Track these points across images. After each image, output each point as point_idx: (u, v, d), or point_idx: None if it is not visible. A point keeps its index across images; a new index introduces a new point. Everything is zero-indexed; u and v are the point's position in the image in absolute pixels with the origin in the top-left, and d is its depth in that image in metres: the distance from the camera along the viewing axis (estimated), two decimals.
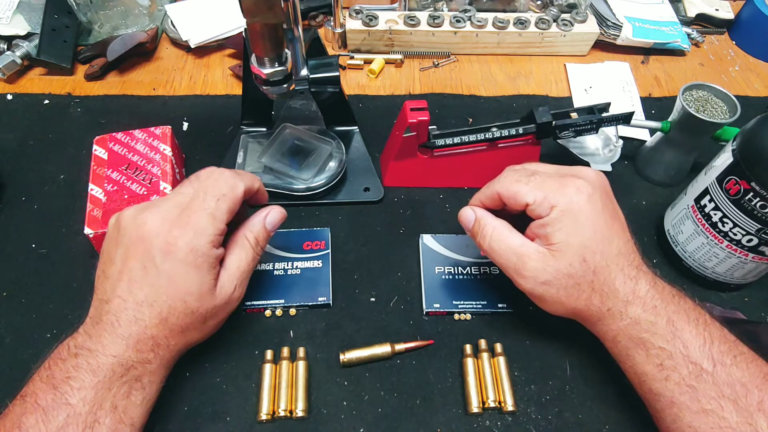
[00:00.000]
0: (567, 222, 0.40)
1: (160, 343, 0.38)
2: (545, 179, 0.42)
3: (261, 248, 0.44)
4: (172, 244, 0.38)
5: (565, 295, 0.40)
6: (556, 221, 0.40)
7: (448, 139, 0.55)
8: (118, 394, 0.36)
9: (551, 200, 0.40)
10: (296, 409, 0.43)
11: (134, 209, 0.40)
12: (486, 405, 0.44)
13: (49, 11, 0.69)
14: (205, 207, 0.39)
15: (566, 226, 0.40)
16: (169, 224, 0.39)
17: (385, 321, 0.49)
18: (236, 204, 0.41)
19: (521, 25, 0.72)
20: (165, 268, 0.38)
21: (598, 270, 0.39)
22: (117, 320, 0.37)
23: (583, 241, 0.39)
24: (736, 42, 0.80)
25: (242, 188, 0.41)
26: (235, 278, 0.41)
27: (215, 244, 0.39)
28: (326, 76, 0.54)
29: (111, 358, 0.36)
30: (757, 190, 0.42)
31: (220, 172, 0.42)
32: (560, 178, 0.42)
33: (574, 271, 0.40)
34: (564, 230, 0.40)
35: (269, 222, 0.44)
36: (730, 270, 0.49)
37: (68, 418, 0.34)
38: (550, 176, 0.42)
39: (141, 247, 0.38)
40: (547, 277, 0.40)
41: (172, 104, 0.66)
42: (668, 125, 0.57)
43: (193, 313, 0.39)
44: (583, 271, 0.39)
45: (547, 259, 0.40)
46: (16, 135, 0.62)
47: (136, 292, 0.38)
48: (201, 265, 0.39)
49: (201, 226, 0.39)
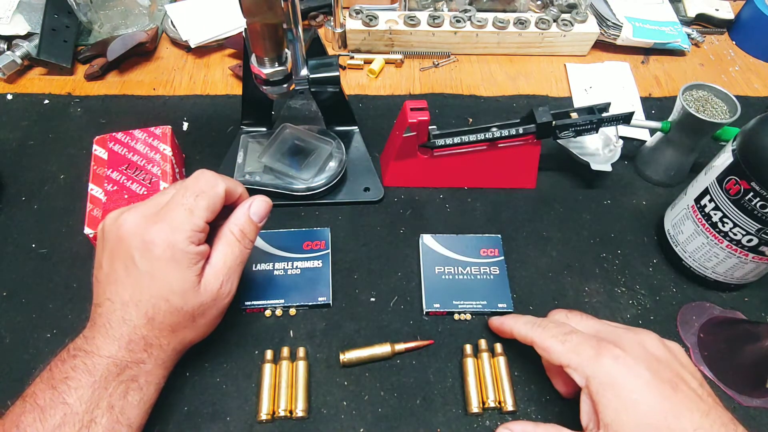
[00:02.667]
0: (611, 398, 0.35)
1: (152, 342, 0.38)
2: (582, 342, 0.38)
3: (250, 240, 0.42)
4: (149, 242, 0.38)
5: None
6: (598, 396, 0.35)
7: (448, 139, 0.55)
8: (115, 394, 0.36)
9: (586, 370, 0.36)
10: (296, 409, 0.43)
11: (116, 212, 0.41)
12: (486, 405, 0.44)
13: (49, 11, 0.69)
14: (182, 203, 0.39)
15: (611, 402, 0.35)
16: (146, 222, 0.38)
17: (385, 321, 0.49)
18: (216, 202, 0.40)
19: (521, 25, 0.72)
20: (144, 267, 0.38)
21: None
22: (108, 322, 0.38)
23: (638, 420, 0.34)
24: (736, 42, 0.80)
25: (223, 187, 0.41)
26: (222, 274, 0.40)
27: (194, 241, 0.39)
28: (326, 76, 0.54)
29: (105, 358, 0.37)
30: (757, 190, 0.42)
31: (201, 172, 0.41)
32: (597, 344, 0.37)
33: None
34: (611, 407, 0.35)
35: (254, 212, 0.42)
36: (730, 270, 0.49)
37: (65, 417, 0.34)
38: (587, 340, 0.38)
39: (122, 247, 0.38)
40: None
41: (172, 104, 0.66)
42: (668, 125, 0.57)
43: (178, 311, 0.39)
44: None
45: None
46: (16, 135, 0.62)
47: (121, 293, 0.38)
48: (180, 261, 0.38)
49: (178, 222, 0.38)
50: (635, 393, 0.35)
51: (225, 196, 0.41)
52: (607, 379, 0.35)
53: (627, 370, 0.35)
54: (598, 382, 0.36)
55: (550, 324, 0.41)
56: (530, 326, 0.42)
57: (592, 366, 0.36)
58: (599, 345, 0.37)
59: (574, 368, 0.37)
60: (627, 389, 0.35)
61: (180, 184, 0.41)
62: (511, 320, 0.45)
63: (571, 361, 0.37)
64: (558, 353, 0.38)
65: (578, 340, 0.38)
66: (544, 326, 0.41)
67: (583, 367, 0.37)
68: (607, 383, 0.35)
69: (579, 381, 0.37)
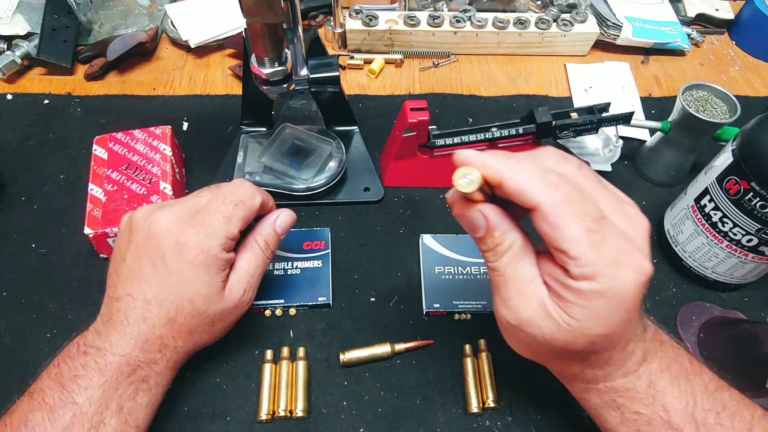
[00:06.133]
0: (599, 307, 0.30)
1: (168, 343, 0.38)
2: (609, 239, 0.30)
3: (271, 252, 0.44)
4: (183, 243, 0.38)
5: (544, 355, 0.35)
6: (585, 298, 0.30)
7: (448, 139, 0.55)
8: (125, 395, 0.36)
9: (597, 268, 0.29)
10: (296, 409, 0.43)
11: (147, 208, 0.41)
12: (486, 405, 0.44)
13: (49, 11, 0.69)
14: (221, 210, 0.40)
15: (596, 310, 0.30)
16: (182, 224, 0.39)
17: (385, 321, 0.49)
18: (252, 213, 0.41)
19: (521, 25, 0.72)
20: (174, 267, 0.38)
21: (600, 352, 0.32)
22: (126, 318, 0.38)
23: (605, 332, 0.31)
24: (736, 42, 0.80)
25: (259, 200, 0.42)
26: (245, 281, 0.41)
27: (226, 248, 0.39)
28: (326, 76, 0.54)
29: (119, 357, 0.36)
30: (757, 190, 0.42)
31: (241, 181, 0.42)
32: (625, 247, 0.30)
33: (572, 350, 0.32)
34: (590, 314, 0.30)
35: (279, 225, 0.44)
36: (730, 270, 0.49)
37: (74, 417, 0.34)
38: (616, 236, 0.30)
39: (152, 245, 0.38)
40: (538, 338, 0.32)
41: (172, 104, 0.66)
42: (668, 125, 0.57)
43: (200, 315, 0.39)
44: (584, 353, 0.32)
45: (550, 324, 0.31)
46: (16, 135, 0.62)
47: (145, 290, 0.38)
48: (210, 266, 0.39)
49: (215, 228, 0.39)
50: (629, 310, 0.30)
51: (259, 208, 0.42)
52: (615, 291, 0.29)
53: (642, 285, 0.30)
54: (599, 287, 0.29)
55: (530, 161, 0.32)
56: (497, 159, 0.31)
57: (609, 268, 0.29)
58: (626, 249, 0.30)
59: (582, 264, 0.29)
60: (626, 304, 0.30)
61: (217, 191, 0.41)
62: (466, 157, 0.32)
63: (583, 255, 0.29)
64: (575, 242, 0.29)
65: (608, 235, 0.30)
66: (523, 161, 0.31)
67: (596, 264, 0.29)
68: (611, 293, 0.29)
69: (575, 270, 0.29)
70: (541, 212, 0.30)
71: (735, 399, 0.34)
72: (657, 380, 0.33)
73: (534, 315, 0.32)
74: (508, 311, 0.33)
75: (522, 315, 0.32)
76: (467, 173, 0.31)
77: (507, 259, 0.32)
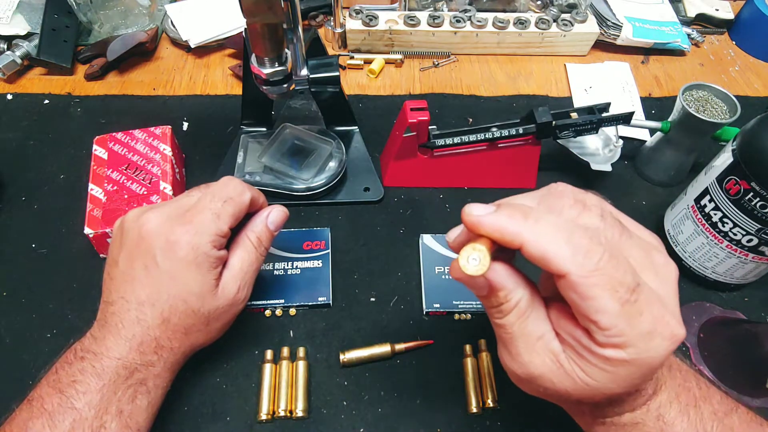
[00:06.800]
0: (623, 372, 0.28)
1: (164, 345, 0.38)
2: (650, 302, 0.27)
3: (265, 248, 0.43)
4: (173, 242, 0.38)
5: (554, 400, 0.33)
6: (610, 365, 0.28)
7: (448, 139, 0.55)
8: (124, 398, 0.36)
9: (629, 338, 0.27)
10: (296, 409, 0.43)
11: (137, 210, 0.41)
12: (486, 405, 0.44)
13: (49, 11, 0.69)
14: (210, 207, 0.39)
15: (620, 375, 0.28)
16: (171, 223, 0.39)
17: (385, 321, 0.49)
18: (242, 210, 0.41)
19: (521, 25, 0.72)
20: (166, 267, 0.38)
21: (615, 402, 0.31)
22: (120, 321, 0.37)
23: (626, 392, 0.30)
24: (736, 42, 0.80)
25: (249, 196, 0.42)
26: (238, 279, 0.41)
27: (216, 245, 0.39)
28: (326, 76, 0.54)
29: (115, 360, 0.36)
30: (757, 190, 0.42)
31: (229, 178, 0.42)
32: (660, 314, 0.28)
33: (586, 402, 0.31)
34: (613, 378, 0.28)
35: (271, 221, 0.43)
36: (730, 270, 0.49)
37: (74, 423, 0.34)
38: (652, 305, 0.28)
39: (143, 246, 0.38)
40: (549, 390, 0.30)
41: (172, 104, 0.66)
42: (668, 125, 0.57)
43: (195, 314, 0.39)
44: (599, 403, 0.31)
45: (565, 381, 0.29)
46: (16, 135, 0.62)
47: (138, 292, 0.38)
48: (201, 264, 0.38)
49: (204, 225, 0.39)
50: (649, 373, 0.28)
51: (249, 205, 0.42)
52: (644, 360, 0.27)
53: (669, 352, 0.28)
54: (627, 356, 0.27)
55: (557, 219, 0.28)
56: (511, 215, 0.28)
57: (642, 340, 0.27)
58: (660, 317, 0.28)
59: (612, 335, 0.27)
60: (651, 371, 0.28)
61: (206, 189, 0.41)
62: (505, 216, 0.29)
63: (615, 327, 0.27)
64: (607, 314, 0.26)
65: (643, 305, 0.27)
66: (581, 248, 0.27)
67: (628, 335, 0.27)
68: (641, 363, 0.27)
69: (602, 338, 0.27)
70: (570, 282, 0.27)
71: (744, 421, 0.33)
72: (666, 412, 0.32)
73: (546, 371, 0.29)
74: (518, 366, 0.31)
75: (533, 371, 0.30)
76: (475, 251, 0.27)
77: (513, 318, 0.30)
